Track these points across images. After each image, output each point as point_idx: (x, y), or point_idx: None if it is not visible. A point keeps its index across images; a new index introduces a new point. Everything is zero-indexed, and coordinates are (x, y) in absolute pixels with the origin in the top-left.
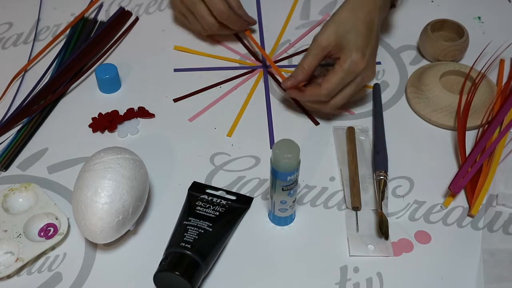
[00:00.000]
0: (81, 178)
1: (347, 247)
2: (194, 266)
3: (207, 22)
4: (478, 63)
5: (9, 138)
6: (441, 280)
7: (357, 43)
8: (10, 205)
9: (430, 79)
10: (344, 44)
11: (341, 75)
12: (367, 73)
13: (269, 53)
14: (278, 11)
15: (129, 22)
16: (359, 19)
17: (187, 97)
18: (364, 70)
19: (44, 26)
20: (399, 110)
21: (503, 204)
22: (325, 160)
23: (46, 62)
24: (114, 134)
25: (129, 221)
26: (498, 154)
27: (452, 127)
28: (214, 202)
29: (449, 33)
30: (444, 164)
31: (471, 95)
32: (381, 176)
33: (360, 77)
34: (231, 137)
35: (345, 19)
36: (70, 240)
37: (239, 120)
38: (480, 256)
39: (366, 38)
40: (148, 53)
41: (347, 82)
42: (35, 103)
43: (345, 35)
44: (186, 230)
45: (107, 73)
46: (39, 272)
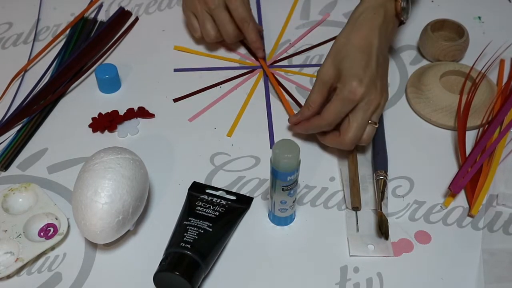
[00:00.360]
0: (81, 178)
1: (347, 247)
2: (194, 266)
3: (227, 31)
4: (478, 63)
5: (9, 138)
6: (441, 280)
7: (352, 71)
8: (10, 205)
9: (430, 79)
10: (342, 74)
11: (339, 104)
12: (371, 96)
13: (269, 53)
14: (278, 11)
15: (129, 22)
16: (353, 45)
17: (187, 97)
18: (366, 95)
19: (44, 26)
20: (399, 110)
21: (503, 204)
22: (325, 160)
23: (46, 62)
24: (114, 134)
25: (129, 221)
26: (498, 154)
27: (452, 127)
28: (214, 202)
29: (449, 33)
30: (444, 164)
31: (471, 95)
32: (380, 176)
33: (364, 102)
34: (231, 137)
35: (340, 48)
36: (70, 240)
37: (239, 120)
38: (480, 256)
39: (364, 63)
40: (148, 53)
41: (347, 110)
42: (35, 103)
43: (342, 64)
44: (186, 230)
45: (107, 73)
46: (39, 272)
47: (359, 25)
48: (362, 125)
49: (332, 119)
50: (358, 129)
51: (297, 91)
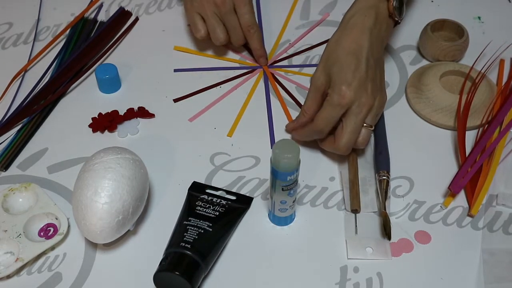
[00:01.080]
0: (81, 178)
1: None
2: (194, 266)
3: (236, 34)
4: (478, 63)
5: (9, 138)
6: (441, 280)
7: (341, 75)
8: (10, 205)
9: (430, 79)
10: (332, 79)
11: (329, 109)
12: (362, 100)
13: (269, 53)
14: (278, 11)
15: (129, 22)
16: (342, 49)
17: (187, 97)
18: (356, 99)
19: (44, 26)
20: (399, 110)
21: (503, 204)
22: (325, 160)
23: (46, 62)
24: (114, 134)
25: (129, 221)
26: (498, 154)
27: (452, 127)
28: (214, 202)
29: (449, 33)
30: (444, 164)
31: (471, 95)
32: (383, 177)
33: (355, 106)
34: (232, 137)
35: (331, 53)
36: (70, 240)
37: (239, 120)
38: (480, 256)
39: (353, 67)
40: (148, 53)
41: (338, 115)
42: (35, 103)
43: (332, 70)
44: (186, 230)
45: (107, 73)
46: (39, 272)
47: (349, 28)
48: (355, 129)
49: (324, 125)
50: (352, 133)
51: (297, 91)
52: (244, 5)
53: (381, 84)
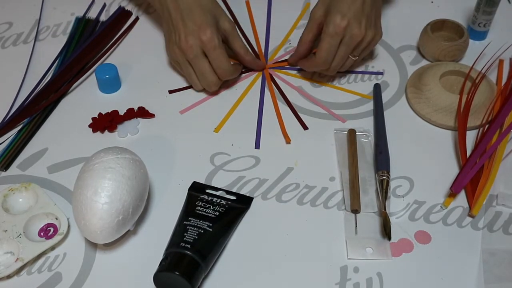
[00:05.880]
0: (81, 178)
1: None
2: (194, 266)
3: (207, 80)
4: (478, 63)
5: (10, 138)
6: (441, 280)
7: (337, 7)
8: (10, 205)
9: (430, 79)
10: (329, 11)
11: (327, 39)
12: (353, 31)
13: (272, 54)
14: (288, 12)
15: (129, 22)
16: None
17: (182, 90)
18: (348, 29)
19: (44, 26)
20: (399, 110)
21: (503, 204)
22: (325, 160)
23: (47, 63)
24: (114, 134)
25: (129, 221)
26: (500, 154)
27: (452, 127)
28: (214, 202)
29: (449, 33)
30: (444, 164)
31: (471, 95)
32: (384, 177)
33: (347, 36)
34: (232, 137)
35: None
36: (70, 240)
37: (228, 118)
38: (480, 256)
39: (349, 1)
40: (148, 53)
41: (337, 43)
42: (36, 103)
43: (331, 2)
44: (186, 230)
45: (107, 73)
46: (39, 272)
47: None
48: (342, 57)
49: (326, 56)
50: (340, 59)
51: (291, 94)
52: (213, 49)
53: (376, 21)
